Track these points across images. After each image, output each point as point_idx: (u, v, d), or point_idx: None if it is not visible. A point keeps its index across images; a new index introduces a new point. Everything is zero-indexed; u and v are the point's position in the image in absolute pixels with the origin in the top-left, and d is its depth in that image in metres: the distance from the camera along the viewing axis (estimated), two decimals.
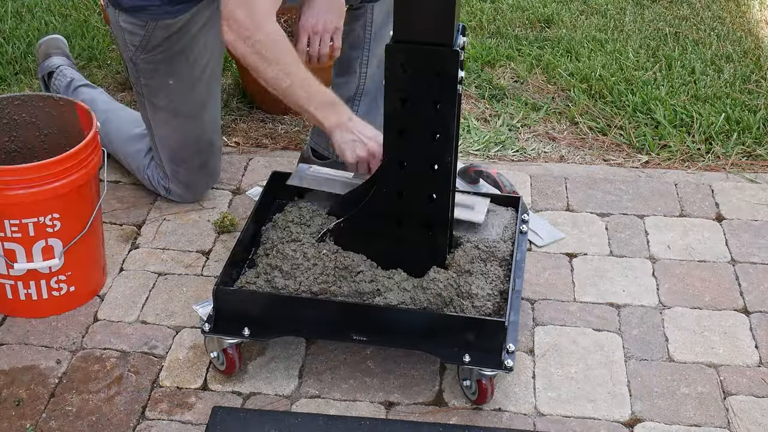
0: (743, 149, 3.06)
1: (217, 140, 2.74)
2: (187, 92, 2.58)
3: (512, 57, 3.57)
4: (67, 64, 3.13)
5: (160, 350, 2.31)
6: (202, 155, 2.69)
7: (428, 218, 2.19)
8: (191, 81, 2.57)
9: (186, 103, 2.59)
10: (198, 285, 2.50)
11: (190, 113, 2.61)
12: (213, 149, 2.72)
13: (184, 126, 2.62)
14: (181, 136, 2.63)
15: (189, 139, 2.64)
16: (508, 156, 3.05)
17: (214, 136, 2.70)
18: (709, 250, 2.64)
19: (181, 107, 2.59)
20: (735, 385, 2.22)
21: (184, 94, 2.58)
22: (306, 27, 2.56)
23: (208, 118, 2.65)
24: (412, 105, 2.08)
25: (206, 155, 2.71)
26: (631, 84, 3.36)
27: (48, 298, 2.38)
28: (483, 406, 2.16)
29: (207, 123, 2.66)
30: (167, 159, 2.68)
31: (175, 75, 2.54)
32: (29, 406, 2.16)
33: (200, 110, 2.62)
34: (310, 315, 2.13)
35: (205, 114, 2.63)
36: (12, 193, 2.21)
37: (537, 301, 2.46)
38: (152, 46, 2.50)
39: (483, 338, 2.07)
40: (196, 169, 2.71)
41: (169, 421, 2.13)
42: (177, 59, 2.52)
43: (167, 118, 2.61)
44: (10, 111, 2.46)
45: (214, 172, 2.79)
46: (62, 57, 3.16)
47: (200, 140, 2.66)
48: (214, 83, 2.64)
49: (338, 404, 2.17)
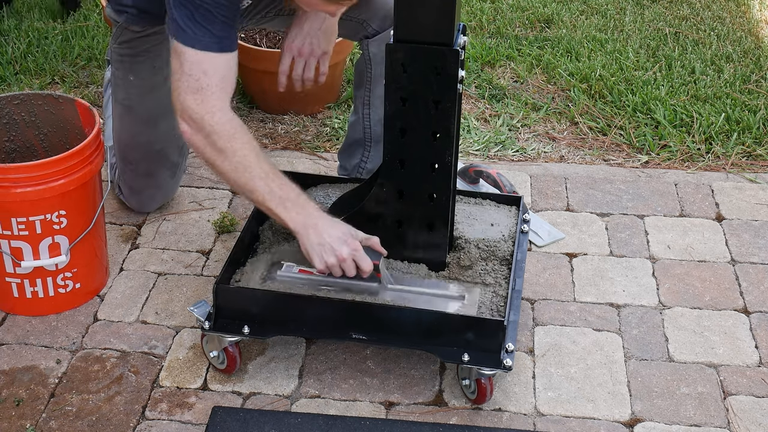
0: (743, 149, 3.06)
1: (173, 155, 2.65)
2: (144, 93, 2.54)
3: (512, 57, 3.57)
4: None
5: (160, 350, 2.31)
6: (149, 163, 2.63)
7: (428, 217, 2.19)
8: (150, 85, 2.53)
9: (142, 104, 2.55)
10: (198, 285, 2.50)
11: (144, 116, 2.56)
12: (163, 161, 2.64)
13: (136, 126, 2.57)
14: (130, 135, 2.58)
15: (138, 142, 2.59)
16: (508, 156, 3.05)
17: (168, 148, 2.62)
18: (709, 250, 2.64)
19: (136, 106, 2.55)
20: (735, 385, 2.22)
21: (142, 94, 2.54)
22: (292, 48, 2.47)
23: (163, 128, 2.57)
24: (412, 104, 2.08)
25: (154, 164, 2.64)
26: (631, 84, 3.36)
27: (54, 296, 2.39)
28: (483, 406, 2.16)
29: (160, 132, 2.58)
30: (119, 155, 2.66)
31: (136, 73, 2.52)
32: (29, 406, 2.16)
33: (155, 117, 2.56)
34: (310, 313, 2.13)
35: (160, 122, 2.56)
36: (19, 191, 2.22)
37: (537, 301, 2.46)
38: (122, 40, 2.50)
39: (482, 337, 2.07)
40: (142, 175, 2.65)
41: (169, 421, 2.13)
42: (141, 59, 2.51)
43: (122, 113, 2.58)
44: (10, 110, 2.46)
45: (163, 186, 2.71)
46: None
47: (150, 147, 2.60)
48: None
49: (338, 404, 2.17)
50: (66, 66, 3.48)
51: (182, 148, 2.68)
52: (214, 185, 2.87)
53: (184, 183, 2.86)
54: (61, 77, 3.44)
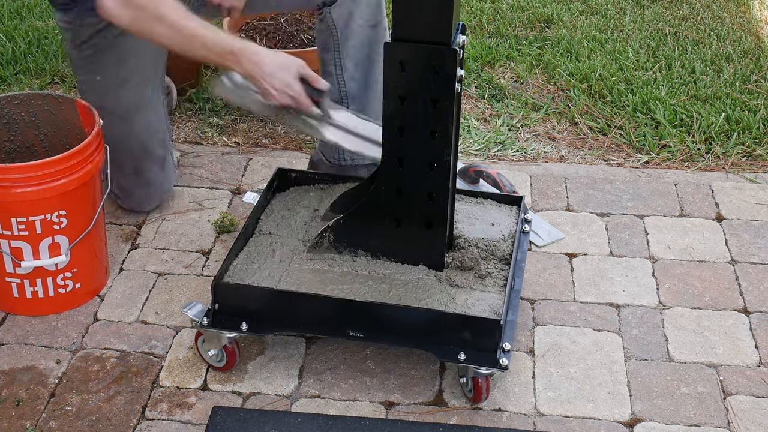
0: (743, 149, 3.06)
1: (157, 149, 2.65)
2: (113, 89, 2.54)
3: (512, 57, 3.57)
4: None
5: (160, 350, 2.31)
6: (135, 160, 2.63)
7: (427, 216, 2.19)
8: (118, 80, 2.53)
9: (117, 102, 2.55)
10: (198, 285, 2.50)
11: (121, 113, 2.56)
12: (149, 156, 2.65)
13: (116, 125, 2.56)
14: (113, 135, 2.56)
15: (120, 140, 2.58)
16: (508, 156, 3.05)
17: (149, 142, 2.63)
18: (709, 250, 2.64)
19: (112, 106, 2.54)
20: (735, 385, 2.22)
21: (113, 92, 2.54)
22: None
23: (141, 123, 2.59)
24: (410, 103, 2.08)
25: (139, 161, 2.64)
26: (631, 84, 3.36)
27: (54, 296, 2.39)
28: (483, 406, 2.16)
29: (138, 127, 2.59)
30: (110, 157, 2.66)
31: (101, 72, 2.52)
32: (29, 406, 2.16)
33: (132, 112, 2.57)
34: (307, 310, 2.13)
35: (137, 117, 2.57)
36: (19, 191, 2.22)
37: (537, 301, 2.46)
38: (80, 42, 2.49)
39: (479, 336, 2.07)
40: (131, 174, 2.65)
41: (169, 421, 2.13)
42: (103, 55, 2.50)
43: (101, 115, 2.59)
44: (10, 110, 2.47)
45: (154, 183, 2.71)
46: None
47: (130, 142, 2.60)
48: (146, 88, 2.59)
49: (338, 404, 2.17)
50: (66, 66, 3.48)
51: (164, 141, 2.68)
52: (213, 185, 2.88)
53: (184, 183, 2.86)
54: (61, 77, 3.44)
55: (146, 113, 2.60)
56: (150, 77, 2.60)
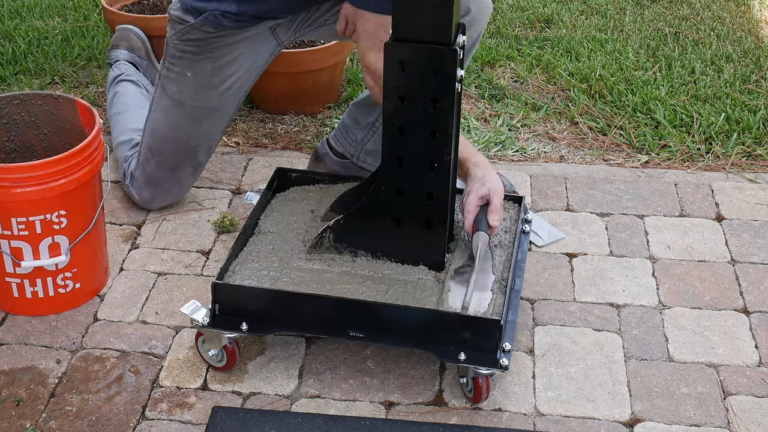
0: (743, 149, 3.06)
1: (202, 153, 2.68)
2: (199, 91, 2.56)
3: (512, 57, 3.58)
4: (126, 57, 3.16)
5: (160, 350, 2.31)
6: (178, 158, 2.65)
7: (427, 217, 2.19)
8: (207, 84, 2.55)
9: (194, 101, 2.57)
10: (198, 285, 2.50)
11: (192, 112, 2.59)
12: (192, 158, 2.67)
13: (180, 120, 2.59)
14: (170, 127, 2.60)
15: (176, 135, 2.61)
16: (508, 156, 3.05)
17: (201, 145, 2.65)
18: (709, 250, 2.64)
19: (187, 102, 2.57)
20: (735, 385, 2.22)
21: (196, 91, 2.56)
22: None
23: (206, 128, 2.62)
24: (410, 103, 2.08)
25: (182, 161, 2.66)
26: (631, 84, 3.36)
27: (54, 296, 2.39)
28: (483, 405, 2.16)
29: (202, 131, 2.62)
30: (147, 144, 2.66)
31: (195, 71, 2.54)
32: (29, 406, 2.16)
33: (202, 115, 2.60)
34: (307, 310, 2.13)
35: (204, 121, 2.60)
36: (19, 191, 2.22)
37: (537, 301, 2.46)
38: (188, 38, 2.51)
39: (479, 336, 2.07)
40: (167, 168, 2.66)
41: (169, 421, 2.13)
42: (204, 57, 2.52)
43: (169, 105, 2.60)
44: (10, 110, 2.47)
45: (183, 182, 2.73)
46: (125, 50, 3.19)
47: (186, 142, 2.63)
48: (229, 101, 2.61)
49: (338, 404, 2.17)
50: (66, 66, 3.48)
51: (210, 149, 2.70)
52: (213, 185, 2.88)
53: None
54: (61, 77, 3.44)
55: (215, 120, 2.62)
56: (239, 93, 2.62)
